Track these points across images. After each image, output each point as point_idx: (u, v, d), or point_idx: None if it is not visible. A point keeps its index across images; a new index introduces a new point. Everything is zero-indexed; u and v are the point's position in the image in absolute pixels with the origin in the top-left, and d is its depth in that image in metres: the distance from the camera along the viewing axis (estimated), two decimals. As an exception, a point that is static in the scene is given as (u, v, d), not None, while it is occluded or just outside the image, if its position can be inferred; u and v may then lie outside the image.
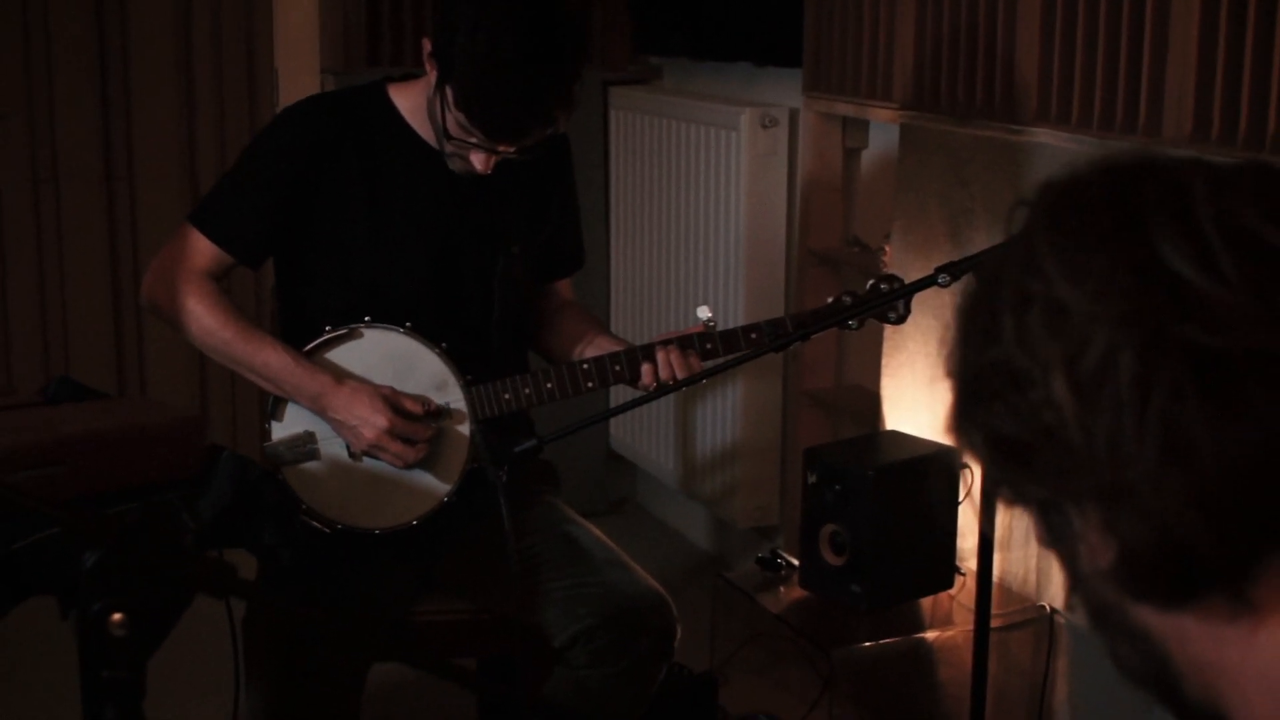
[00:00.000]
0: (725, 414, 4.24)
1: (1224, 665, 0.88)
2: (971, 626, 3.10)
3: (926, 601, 3.23)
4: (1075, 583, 0.93)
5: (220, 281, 2.76)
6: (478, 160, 2.65)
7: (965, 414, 0.93)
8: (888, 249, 3.56)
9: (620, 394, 3.01)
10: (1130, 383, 0.84)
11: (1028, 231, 0.91)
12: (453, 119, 2.62)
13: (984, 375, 0.90)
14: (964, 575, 3.25)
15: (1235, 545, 0.85)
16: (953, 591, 3.24)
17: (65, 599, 2.21)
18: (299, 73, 4.41)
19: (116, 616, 1.29)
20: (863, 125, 3.95)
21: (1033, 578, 3.20)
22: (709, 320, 2.76)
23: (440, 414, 2.71)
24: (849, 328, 2.78)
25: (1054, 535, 0.92)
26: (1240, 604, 0.86)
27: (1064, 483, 0.88)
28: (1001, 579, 3.19)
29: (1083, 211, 0.90)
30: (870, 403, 3.77)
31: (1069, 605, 0.96)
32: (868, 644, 3.08)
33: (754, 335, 2.77)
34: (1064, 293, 0.87)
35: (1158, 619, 0.90)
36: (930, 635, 3.17)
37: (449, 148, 2.68)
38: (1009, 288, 0.90)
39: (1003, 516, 3.07)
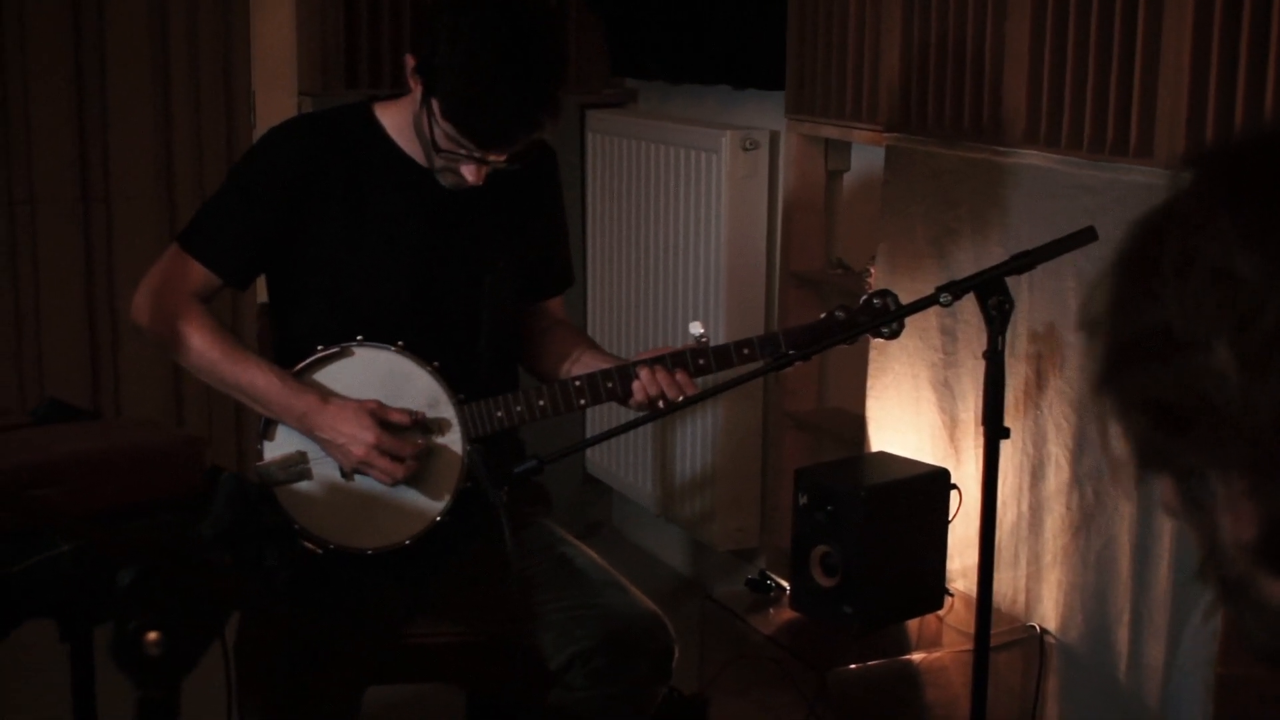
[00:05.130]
0: (705, 436, 4.23)
1: None
2: (961, 648, 3.11)
3: (914, 623, 3.23)
4: (1209, 553, 0.89)
5: (208, 302, 2.74)
6: (469, 172, 2.65)
7: (1117, 374, 0.89)
8: (873, 270, 3.56)
9: (617, 414, 3.00)
10: None
11: (1199, 190, 0.88)
12: (441, 131, 2.61)
13: (1140, 336, 0.87)
14: (953, 596, 3.25)
15: None
16: (941, 613, 3.24)
17: (65, 622, 2.19)
18: (276, 95, 4.39)
19: (152, 635, 1.27)
20: (844, 147, 3.96)
21: (1022, 598, 3.20)
22: (701, 336, 2.76)
23: (429, 425, 2.70)
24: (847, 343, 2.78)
25: (1191, 504, 0.89)
26: None
27: (1216, 451, 0.85)
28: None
29: (1263, 174, 0.86)
30: (853, 425, 3.78)
31: (1199, 576, 0.89)
32: (861, 665, 3.07)
33: (746, 351, 2.76)
34: (1236, 258, 0.83)
35: None
36: (918, 656, 3.16)
37: (439, 161, 2.67)
38: (1175, 246, 0.86)
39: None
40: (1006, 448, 3.16)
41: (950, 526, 3.21)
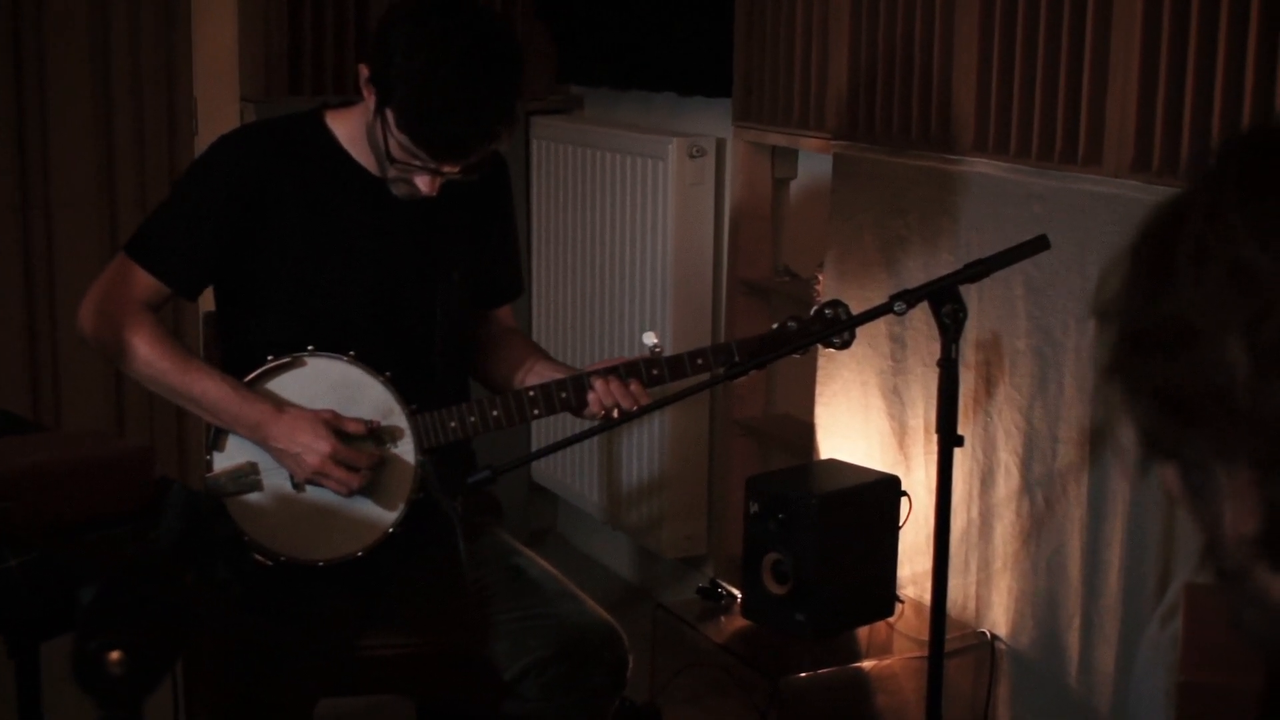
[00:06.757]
0: (652, 444, 4.22)
1: None
2: (911, 654, 3.12)
3: (865, 630, 3.24)
4: (1211, 544, 0.89)
5: (156, 312, 2.71)
6: (422, 183, 2.63)
7: (1126, 364, 0.89)
8: (820, 278, 3.57)
9: (565, 423, 2.99)
10: None
11: (1214, 181, 0.87)
12: (395, 142, 2.59)
13: (1152, 327, 0.87)
14: (903, 603, 3.26)
15: None
16: (892, 620, 3.25)
17: (12, 638, 2.16)
18: (219, 102, 4.34)
19: (114, 655, 1.25)
20: (791, 155, 3.96)
21: (972, 604, 3.21)
22: (655, 346, 2.75)
23: (383, 434, 2.68)
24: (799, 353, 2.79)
25: (1195, 494, 0.89)
26: None
27: (1221, 443, 0.85)
28: (942, 606, 3.20)
29: (1277, 168, 0.86)
30: (801, 432, 3.78)
31: (1199, 567, 0.90)
32: (812, 672, 3.07)
33: (700, 360, 2.76)
34: (1250, 252, 0.83)
35: None
36: (870, 664, 3.17)
37: (393, 172, 2.65)
38: (1189, 238, 0.86)
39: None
40: (957, 455, 3.17)
41: (900, 533, 3.22)
